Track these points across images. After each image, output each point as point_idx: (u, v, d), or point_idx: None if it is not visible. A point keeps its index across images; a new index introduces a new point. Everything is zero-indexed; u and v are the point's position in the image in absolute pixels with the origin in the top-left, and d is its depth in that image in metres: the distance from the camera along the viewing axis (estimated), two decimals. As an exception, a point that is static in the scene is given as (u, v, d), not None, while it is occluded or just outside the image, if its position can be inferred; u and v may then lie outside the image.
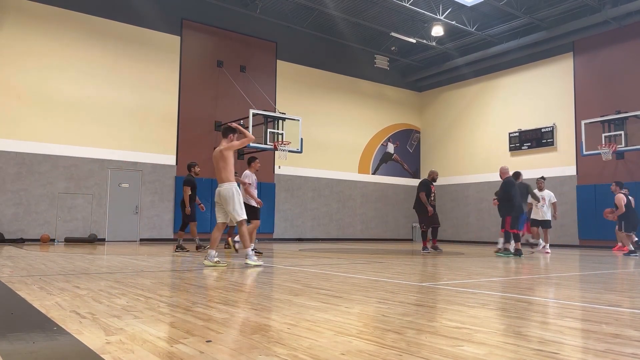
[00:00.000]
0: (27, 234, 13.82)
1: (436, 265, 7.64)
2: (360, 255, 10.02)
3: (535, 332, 2.65)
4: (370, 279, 5.34)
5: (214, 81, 17.34)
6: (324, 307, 3.40)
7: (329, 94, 20.12)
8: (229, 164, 6.85)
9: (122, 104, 15.46)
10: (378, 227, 21.12)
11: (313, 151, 18.76)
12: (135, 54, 15.82)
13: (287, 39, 18.98)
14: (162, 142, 16.15)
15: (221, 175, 6.88)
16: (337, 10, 17.39)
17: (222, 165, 6.86)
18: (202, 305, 3.42)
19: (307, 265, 7.32)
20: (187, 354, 2.13)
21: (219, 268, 6.48)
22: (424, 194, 11.10)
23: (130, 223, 15.44)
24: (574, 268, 7.68)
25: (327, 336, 2.50)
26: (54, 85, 14.41)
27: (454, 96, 21.68)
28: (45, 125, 14.24)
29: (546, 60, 18.32)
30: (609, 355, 2.17)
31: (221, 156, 6.87)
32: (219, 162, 6.90)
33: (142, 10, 15.92)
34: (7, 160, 13.69)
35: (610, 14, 15.58)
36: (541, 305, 3.78)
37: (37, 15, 14.35)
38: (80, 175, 14.68)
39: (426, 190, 11.15)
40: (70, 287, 4.35)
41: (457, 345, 2.31)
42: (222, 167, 6.86)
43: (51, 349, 2.26)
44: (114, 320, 2.86)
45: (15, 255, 8.59)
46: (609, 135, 15.77)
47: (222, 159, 6.87)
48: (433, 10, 16.94)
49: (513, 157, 19.12)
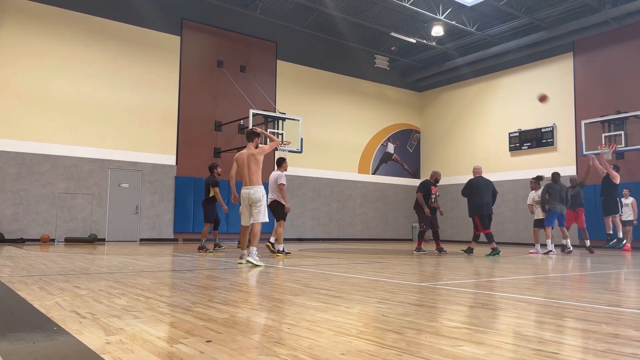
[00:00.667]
0: (27, 234, 13.82)
1: (436, 265, 7.64)
2: (360, 255, 10.02)
3: (535, 332, 2.65)
4: (370, 279, 5.34)
5: (214, 81, 17.34)
6: (324, 307, 3.40)
7: (329, 94, 20.13)
8: (260, 167, 7.07)
9: (122, 104, 15.46)
10: (378, 227, 21.12)
11: (313, 151, 18.76)
12: (135, 54, 15.82)
13: (287, 39, 18.98)
14: (162, 142, 16.15)
15: (251, 178, 7.05)
16: (337, 10, 17.39)
17: (253, 169, 7.06)
18: (202, 305, 3.42)
19: (307, 265, 7.32)
20: (187, 354, 2.13)
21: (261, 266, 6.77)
22: (421, 194, 10.99)
23: (130, 223, 15.45)
24: (574, 268, 7.68)
25: (327, 336, 2.50)
26: (54, 85, 14.41)
27: (454, 96, 21.68)
28: (45, 125, 14.24)
29: (546, 60, 18.32)
30: (609, 355, 2.17)
31: (254, 160, 7.07)
32: (250, 164, 7.07)
33: (142, 10, 15.92)
34: (7, 160, 13.69)
35: (610, 14, 15.59)
36: (541, 305, 3.78)
37: (37, 15, 14.35)
38: (80, 175, 14.68)
39: (424, 192, 11.04)
40: (70, 287, 4.35)
41: (457, 345, 2.31)
42: (254, 170, 7.06)
43: (51, 349, 2.26)
44: (114, 320, 2.86)
45: (15, 255, 8.59)
46: (609, 135, 15.77)
47: (255, 162, 7.08)
48: (433, 10, 16.94)
49: (513, 157, 19.12)
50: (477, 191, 10.34)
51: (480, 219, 10.36)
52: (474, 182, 10.44)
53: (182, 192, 16.29)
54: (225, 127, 17.32)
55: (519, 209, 18.43)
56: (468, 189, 10.47)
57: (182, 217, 16.28)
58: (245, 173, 7.12)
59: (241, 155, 7.17)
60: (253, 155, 7.07)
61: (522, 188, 18.40)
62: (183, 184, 16.32)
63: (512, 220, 18.85)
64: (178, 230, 16.22)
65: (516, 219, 18.63)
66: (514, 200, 18.78)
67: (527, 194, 13.37)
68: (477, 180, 10.45)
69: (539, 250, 12.00)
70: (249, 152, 7.11)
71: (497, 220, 19.46)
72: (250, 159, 7.07)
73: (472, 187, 10.40)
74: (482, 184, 10.44)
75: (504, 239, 19.00)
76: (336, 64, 20.42)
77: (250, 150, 7.12)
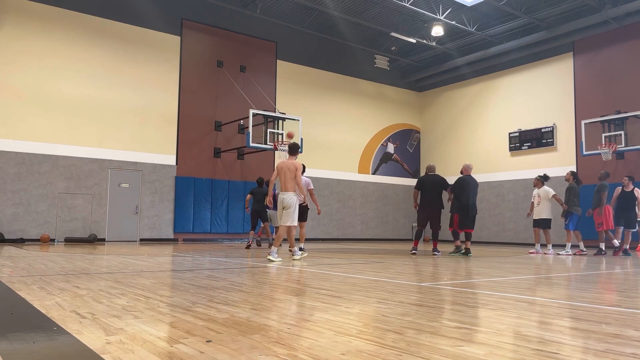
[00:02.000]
0: (27, 234, 13.82)
1: (436, 265, 7.64)
2: (360, 255, 10.02)
3: (535, 332, 2.65)
4: (370, 279, 5.34)
5: (214, 81, 17.34)
6: (324, 307, 3.41)
7: (329, 94, 20.13)
8: (294, 177, 8.10)
9: (122, 104, 15.46)
10: (378, 227, 21.12)
11: (313, 151, 18.75)
12: (135, 54, 15.82)
13: (287, 39, 18.98)
14: (162, 142, 16.15)
15: (286, 185, 8.14)
16: (337, 10, 17.39)
17: (289, 177, 8.12)
18: (202, 305, 3.42)
19: (307, 265, 7.32)
20: (187, 354, 2.13)
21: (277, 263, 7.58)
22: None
23: (130, 223, 15.45)
24: (574, 268, 7.68)
25: (327, 336, 2.50)
26: (54, 85, 14.41)
27: (454, 96, 21.68)
28: (45, 125, 14.24)
29: (546, 60, 18.32)
30: (609, 355, 2.17)
31: (290, 170, 8.11)
32: (286, 173, 8.10)
33: (142, 10, 15.92)
34: (7, 160, 13.69)
35: (610, 14, 15.58)
36: (541, 305, 3.78)
37: (37, 15, 14.35)
38: (80, 175, 14.68)
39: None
40: (70, 287, 4.35)
41: (457, 345, 2.31)
42: (290, 178, 8.12)
43: (51, 349, 2.26)
44: (114, 320, 2.86)
45: (15, 255, 8.59)
46: (609, 135, 15.77)
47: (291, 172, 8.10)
48: (433, 10, 16.94)
49: (513, 157, 19.12)
50: (466, 190, 10.18)
51: (462, 217, 10.19)
52: (464, 181, 10.28)
53: (182, 192, 16.29)
54: (225, 127, 17.32)
55: (519, 209, 18.43)
56: (458, 187, 10.26)
57: (182, 217, 16.28)
58: (282, 180, 8.20)
59: (282, 164, 8.26)
60: (291, 166, 8.14)
61: (522, 188, 18.41)
62: (183, 184, 16.32)
63: (512, 220, 18.84)
64: (178, 230, 16.22)
65: (516, 219, 18.63)
66: (514, 200, 18.78)
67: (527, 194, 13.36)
68: (467, 179, 10.29)
69: (539, 250, 11.99)
70: (289, 163, 8.20)
71: (497, 220, 19.51)
72: (288, 169, 8.12)
73: (463, 185, 10.23)
74: (472, 184, 10.30)
75: (504, 239, 19.01)
76: (336, 64, 20.42)
77: (290, 161, 8.22)
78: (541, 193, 12.12)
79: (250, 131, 14.92)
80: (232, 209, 17.29)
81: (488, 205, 19.48)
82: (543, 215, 12.01)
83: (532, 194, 12.44)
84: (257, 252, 10.83)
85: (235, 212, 17.29)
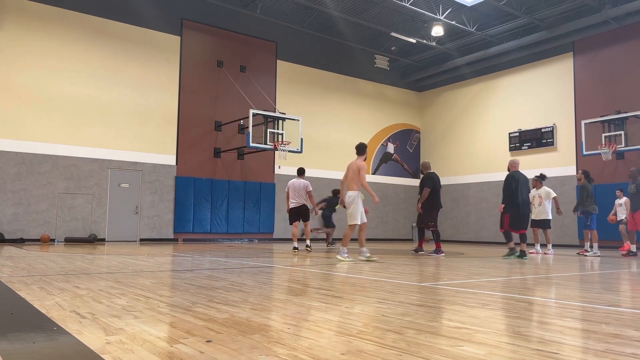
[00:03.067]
0: (27, 234, 13.83)
1: (436, 265, 7.64)
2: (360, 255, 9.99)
3: (535, 332, 2.65)
4: (370, 279, 5.34)
5: (214, 81, 17.34)
6: (324, 307, 3.40)
7: (329, 94, 20.13)
8: (357, 177, 8.20)
9: (122, 104, 15.46)
10: (378, 227, 21.11)
11: (313, 151, 18.75)
12: (135, 54, 15.82)
13: (287, 39, 18.98)
14: (162, 142, 16.15)
15: (350, 184, 8.27)
16: (337, 10, 17.39)
17: (350, 177, 8.28)
18: (202, 305, 3.42)
19: (307, 265, 7.32)
20: (187, 354, 2.13)
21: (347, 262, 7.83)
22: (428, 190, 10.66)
23: (130, 223, 15.45)
24: (574, 268, 7.68)
25: (327, 336, 2.50)
26: (54, 85, 14.41)
27: (454, 96, 21.68)
28: (45, 125, 14.24)
29: (546, 60, 18.32)
30: (609, 355, 2.17)
31: (355, 170, 8.22)
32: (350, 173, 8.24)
33: (142, 10, 15.92)
34: (7, 160, 13.69)
35: (610, 14, 15.59)
36: (541, 305, 3.78)
37: (37, 15, 14.35)
38: (80, 175, 14.68)
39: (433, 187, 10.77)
40: (70, 287, 4.35)
41: (457, 345, 2.31)
42: (351, 177, 8.26)
43: (51, 349, 2.26)
44: (114, 320, 2.86)
45: (15, 255, 8.59)
46: (609, 135, 15.77)
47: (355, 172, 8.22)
48: (433, 10, 16.94)
49: (513, 157, 19.09)
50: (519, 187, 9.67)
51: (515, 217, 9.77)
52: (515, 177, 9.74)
53: (182, 192, 16.29)
54: (225, 127, 17.32)
55: (519, 209, 18.39)
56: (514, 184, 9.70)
57: (182, 217, 16.27)
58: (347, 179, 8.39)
59: (350, 164, 8.43)
60: (354, 166, 8.27)
61: (522, 188, 18.39)
62: (183, 184, 16.32)
63: (512, 220, 18.81)
64: (178, 230, 16.22)
65: (516, 219, 18.59)
66: (514, 200, 18.75)
67: (527, 194, 13.27)
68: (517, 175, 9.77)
69: (539, 251, 11.97)
70: (353, 163, 8.38)
71: (498, 220, 19.44)
72: (356, 169, 8.25)
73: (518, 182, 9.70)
74: (522, 180, 9.84)
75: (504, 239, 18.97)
76: (336, 64, 20.42)
77: (357, 162, 8.36)
78: (542, 194, 12.04)
79: (250, 131, 14.92)
80: (232, 209, 17.30)
81: (488, 205, 19.48)
82: (543, 216, 11.97)
83: (531, 195, 12.19)
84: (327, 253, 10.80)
85: (235, 212, 17.29)
